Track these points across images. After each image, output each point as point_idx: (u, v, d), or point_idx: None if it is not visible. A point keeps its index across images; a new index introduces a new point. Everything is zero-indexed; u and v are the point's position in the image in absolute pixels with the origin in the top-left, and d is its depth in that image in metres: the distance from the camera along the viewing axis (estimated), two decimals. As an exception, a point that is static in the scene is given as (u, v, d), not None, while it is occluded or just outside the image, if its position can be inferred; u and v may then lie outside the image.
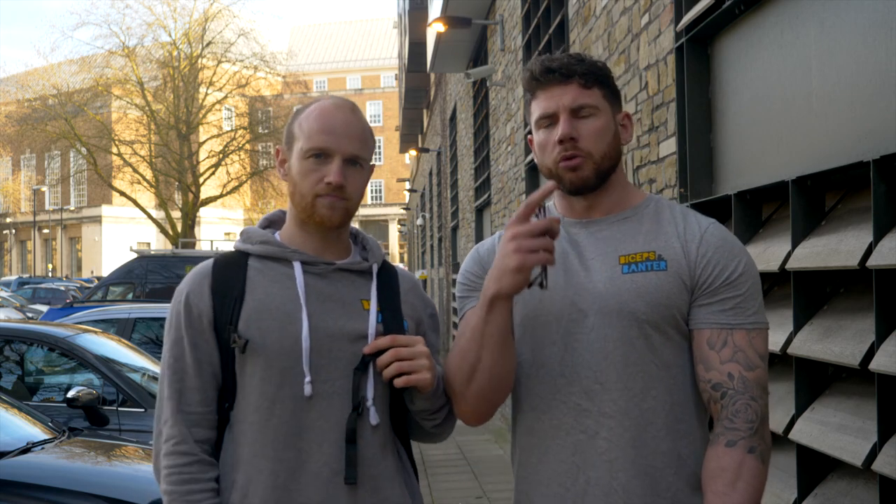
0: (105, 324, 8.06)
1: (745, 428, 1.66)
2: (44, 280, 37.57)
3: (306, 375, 1.74)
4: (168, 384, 1.77)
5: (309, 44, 77.57)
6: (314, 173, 1.78)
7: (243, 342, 1.73)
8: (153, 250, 20.49)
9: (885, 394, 2.13)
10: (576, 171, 1.74)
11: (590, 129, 1.74)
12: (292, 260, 1.82)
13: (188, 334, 1.78)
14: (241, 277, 1.80)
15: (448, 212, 16.37)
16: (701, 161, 3.52)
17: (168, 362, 1.79)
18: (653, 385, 1.71)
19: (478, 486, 7.05)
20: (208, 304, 1.78)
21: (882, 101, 2.34)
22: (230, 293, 1.78)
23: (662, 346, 1.72)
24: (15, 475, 3.85)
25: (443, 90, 17.33)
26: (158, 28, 36.64)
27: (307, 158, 1.79)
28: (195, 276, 1.83)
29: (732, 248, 1.74)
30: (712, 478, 1.66)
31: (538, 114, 1.78)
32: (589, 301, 1.72)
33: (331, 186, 1.77)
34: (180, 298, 1.81)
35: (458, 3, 9.99)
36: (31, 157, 55.08)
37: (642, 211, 1.80)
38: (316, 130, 1.79)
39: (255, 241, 1.86)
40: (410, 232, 35.95)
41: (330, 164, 1.78)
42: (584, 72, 1.75)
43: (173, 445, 1.73)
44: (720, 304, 1.71)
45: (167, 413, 1.76)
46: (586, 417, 1.71)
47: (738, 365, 1.68)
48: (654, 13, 3.93)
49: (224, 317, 1.77)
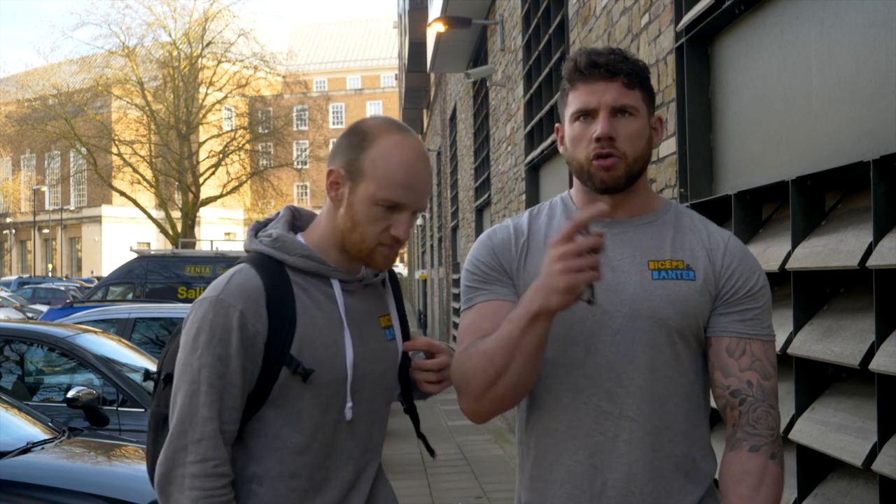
0: (105, 324, 8.05)
1: (767, 434, 1.69)
2: (44, 280, 37.54)
3: (348, 402, 1.74)
4: (208, 403, 1.64)
5: (309, 44, 77.57)
6: (381, 221, 1.72)
7: (308, 373, 1.69)
8: (153, 250, 20.47)
9: (885, 394, 2.13)
10: (609, 170, 1.72)
11: (628, 130, 1.72)
12: (332, 278, 1.77)
13: (240, 355, 1.66)
14: (290, 295, 1.72)
15: (448, 212, 16.37)
16: (701, 161, 3.52)
17: (208, 379, 1.65)
18: (674, 391, 1.73)
19: (478, 486, 7.05)
20: (265, 325, 1.68)
21: (882, 101, 2.34)
22: (284, 314, 1.70)
23: (684, 353, 1.74)
24: (15, 475, 3.85)
25: (443, 90, 17.33)
26: (158, 28, 36.67)
27: (378, 205, 1.71)
28: (247, 292, 1.69)
29: (754, 262, 1.79)
30: (736, 481, 1.68)
31: (577, 107, 1.74)
32: (617, 303, 1.72)
33: (396, 240, 1.74)
34: (230, 314, 1.66)
35: (458, 3, 9.99)
36: (31, 157, 55.10)
37: (664, 216, 1.80)
38: (397, 183, 1.70)
39: (293, 252, 1.75)
40: (410, 231, 35.93)
41: (399, 216, 1.72)
42: (628, 71, 1.73)
43: (213, 467, 1.64)
44: (740, 314, 1.73)
45: (206, 432, 1.64)
46: (606, 419, 1.72)
47: (756, 373, 1.71)
48: (654, 13, 3.93)
49: (278, 340, 1.68)
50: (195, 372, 1.66)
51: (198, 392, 1.65)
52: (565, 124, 1.79)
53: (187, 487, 1.63)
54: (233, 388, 1.66)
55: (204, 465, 1.63)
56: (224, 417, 1.66)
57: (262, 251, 1.76)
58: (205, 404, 1.65)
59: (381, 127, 1.75)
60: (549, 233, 1.81)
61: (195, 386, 1.66)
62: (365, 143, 1.72)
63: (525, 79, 7.64)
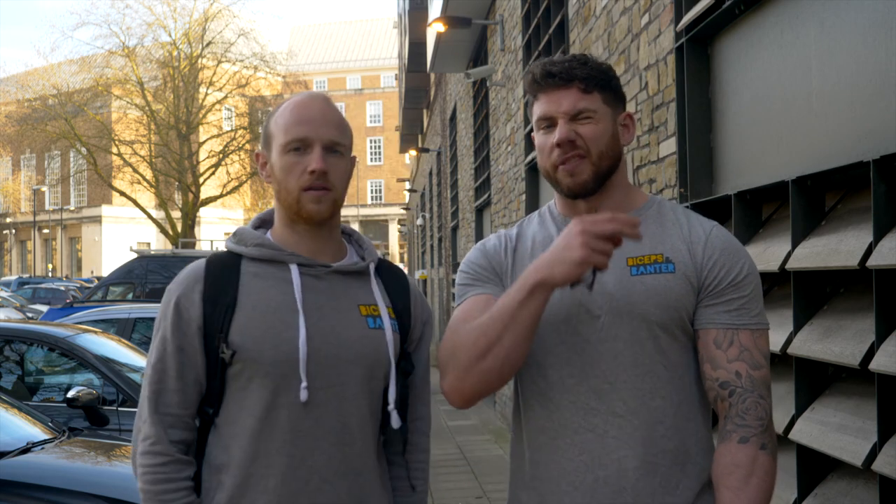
0: (105, 324, 8.05)
1: (756, 425, 1.69)
2: (44, 280, 37.55)
3: (303, 381, 1.74)
4: (148, 384, 1.76)
5: (309, 44, 77.56)
6: (296, 166, 1.77)
7: (230, 353, 1.73)
8: (153, 250, 20.49)
9: (885, 394, 2.13)
10: (573, 175, 1.75)
11: (588, 131, 1.75)
12: (289, 262, 1.80)
13: (174, 338, 1.76)
14: (234, 282, 1.78)
15: (448, 212, 16.37)
16: (701, 161, 3.52)
17: (151, 362, 1.78)
18: (661, 385, 1.73)
19: (478, 486, 7.05)
20: (198, 311, 1.76)
21: (882, 101, 2.34)
22: (222, 300, 1.76)
23: (670, 346, 1.74)
24: (15, 475, 3.85)
25: (443, 90, 17.33)
26: (158, 28, 36.65)
27: (287, 153, 1.78)
28: (187, 280, 1.80)
29: (737, 251, 1.77)
30: (726, 473, 1.68)
31: (538, 115, 1.80)
32: (599, 302, 1.74)
33: (314, 175, 1.75)
34: (170, 300, 1.78)
35: (458, 3, 10.00)
36: (31, 157, 55.08)
37: (646, 212, 1.81)
38: (292, 122, 1.78)
39: (248, 242, 1.82)
40: (410, 232, 35.95)
41: (310, 154, 1.77)
42: (584, 76, 1.75)
43: (150, 445, 1.73)
44: (726, 304, 1.73)
45: (146, 412, 1.75)
46: (595, 416, 1.73)
47: (744, 364, 1.71)
48: (654, 13, 3.93)
49: (215, 324, 1.75)
50: (148, 358, 1.81)
51: (146, 376, 1.80)
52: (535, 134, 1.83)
53: (137, 464, 1.75)
54: (170, 369, 1.76)
55: (144, 443, 1.74)
56: (164, 399, 1.75)
57: (226, 247, 1.87)
58: (146, 385, 1.77)
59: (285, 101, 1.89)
60: (538, 240, 1.85)
61: (147, 369, 1.80)
62: (270, 116, 1.86)
63: (525, 79, 7.63)
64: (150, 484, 1.73)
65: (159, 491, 1.72)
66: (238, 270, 1.80)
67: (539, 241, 1.84)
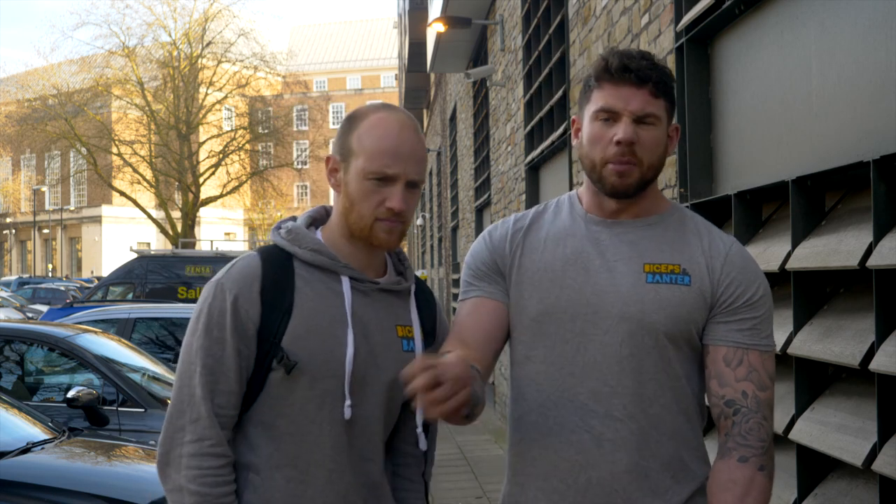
0: (105, 324, 8.04)
1: (757, 446, 1.69)
2: (44, 280, 37.51)
3: (347, 399, 1.72)
4: (203, 383, 1.67)
5: (309, 44, 77.55)
6: (375, 195, 1.72)
7: (292, 365, 1.69)
8: (153, 250, 20.47)
9: (885, 394, 2.13)
10: (622, 176, 1.73)
11: (648, 138, 1.73)
12: (342, 274, 1.77)
13: (234, 338, 1.69)
14: (290, 285, 1.73)
15: (448, 212, 16.37)
16: (701, 161, 3.52)
17: (203, 360, 1.69)
18: (662, 393, 1.73)
19: (478, 486, 7.05)
20: (257, 311, 1.70)
21: (882, 101, 2.34)
22: (279, 304, 1.71)
23: (674, 357, 1.74)
24: (15, 475, 3.85)
25: (443, 90, 17.33)
26: (158, 28, 36.66)
27: (368, 180, 1.71)
28: (244, 278, 1.72)
29: (755, 271, 1.78)
30: (723, 490, 1.69)
31: (600, 105, 1.74)
32: (609, 304, 1.73)
33: (392, 212, 1.72)
34: (226, 297, 1.70)
35: (458, 3, 9.99)
36: (31, 157, 55.06)
37: (668, 219, 1.81)
38: (380, 152, 1.71)
39: (304, 245, 1.77)
40: (410, 232, 35.95)
41: (391, 188, 1.71)
42: (657, 80, 1.73)
43: (210, 447, 1.66)
44: (738, 323, 1.73)
45: (201, 412, 1.67)
46: (592, 418, 1.73)
47: (751, 384, 1.71)
48: (654, 13, 3.93)
49: (270, 328, 1.70)
50: (193, 353, 1.71)
51: (194, 373, 1.69)
52: (584, 119, 1.79)
53: (184, 467, 1.66)
54: (228, 370, 1.69)
55: (200, 444, 1.66)
56: (219, 400, 1.69)
57: (277, 243, 1.79)
58: (200, 385, 1.68)
59: (369, 108, 1.81)
60: (552, 231, 1.83)
61: (192, 367, 1.70)
62: (353, 125, 1.78)
63: (525, 79, 7.64)
64: (210, 487, 1.66)
65: (220, 494, 1.67)
66: (292, 272, 1.75)
67: (552, 234, 1.82)
